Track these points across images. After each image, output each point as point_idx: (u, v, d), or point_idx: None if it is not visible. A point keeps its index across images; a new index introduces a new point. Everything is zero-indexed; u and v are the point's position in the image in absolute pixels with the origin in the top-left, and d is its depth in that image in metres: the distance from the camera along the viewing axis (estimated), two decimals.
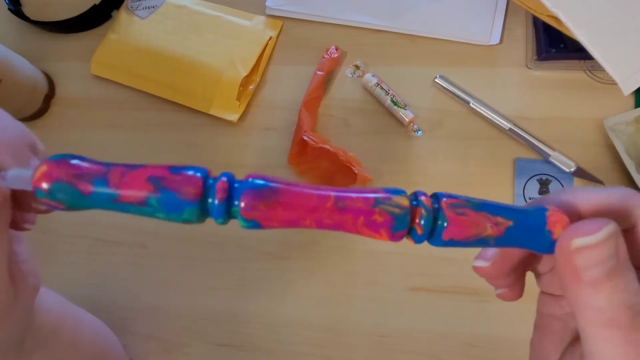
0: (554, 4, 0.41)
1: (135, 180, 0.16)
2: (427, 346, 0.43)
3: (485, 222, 0.17)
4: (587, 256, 0.16)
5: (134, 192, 0.16)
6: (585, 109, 0.46)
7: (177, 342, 0.46)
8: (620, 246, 0.16)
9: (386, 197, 0.17)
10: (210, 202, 0.17)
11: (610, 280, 0.16)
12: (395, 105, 0.48)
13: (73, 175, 0.17)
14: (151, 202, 0.16)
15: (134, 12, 0.56)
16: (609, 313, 0.16)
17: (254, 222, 0.17)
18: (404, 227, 0.17)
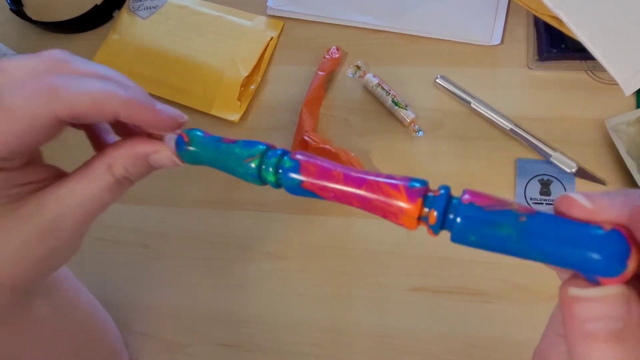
0: (555, 4, 0.41)
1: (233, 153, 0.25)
2: (428, 346, 0.43)
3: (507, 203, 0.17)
4: (586, 308, 0.15)
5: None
6: (586, 109, 0.46)
7: (177, 341, 0.46)
8: (633, 309, 0.15)
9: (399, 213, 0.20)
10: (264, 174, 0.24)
11: (610, 341, 0.15)
12: (396, 105, 0.48)
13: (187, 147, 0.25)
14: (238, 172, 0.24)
15: (135, 12, 0.56)
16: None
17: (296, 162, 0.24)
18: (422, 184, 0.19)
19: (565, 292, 0.15)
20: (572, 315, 0.15)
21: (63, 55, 0.23)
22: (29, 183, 0.24)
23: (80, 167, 0.25)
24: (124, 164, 0.24)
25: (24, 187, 0.23)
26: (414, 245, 0.45)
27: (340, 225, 0.47)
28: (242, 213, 0.49)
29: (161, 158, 0.25)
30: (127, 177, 0.25)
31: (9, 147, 0.21)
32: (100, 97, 0.22)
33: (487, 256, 0.44)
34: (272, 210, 0.48)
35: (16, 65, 0.22)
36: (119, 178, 0.24)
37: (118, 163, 0.24)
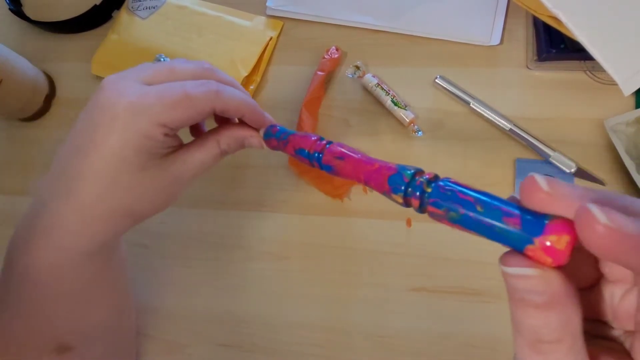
0: (554, 5, 0.41)
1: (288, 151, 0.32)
2: (428, 347, 0.43)
3: (460, 230, 0.19)
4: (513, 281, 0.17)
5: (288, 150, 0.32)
6: (585, 110, 0.46)
7: (177, 342, 0.46)
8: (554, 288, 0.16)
9: (389, 193, 0.24)
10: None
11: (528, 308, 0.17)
12: (395, 105, 0.48)
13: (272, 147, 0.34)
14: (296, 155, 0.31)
15: (134, 12, 0.56)
16: (519, 327, 0.17)
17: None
18: (407, 207, 0.24)
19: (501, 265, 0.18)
20: (508, 285, 0.18)
21: (210, 67, 0.34)
22: (173, 147, 0.33)
23: (197, 139, 0.34)
24: (228, 142, 0.34)
25: (170, 149, 0.32)
26: (414, 246, 0.45)
27: (340, 225, 0.47)
28: (242, 213, 0.49)
29: (253, 141, 0.35)
30: (227, 150, 0.34)
31: (182, 124, 0.31)
32: (240, 104, 0.33)
33: (486, 256, 0.44)
34: (272, 211, 0.48)
35: (182, 68, 0.33)
36: (222, 151, 0.34)
37: (224, 140, 0.34)
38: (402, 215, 0.46)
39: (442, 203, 0.19)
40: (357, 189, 0.47)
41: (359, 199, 0.47)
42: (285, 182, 0.49)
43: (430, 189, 0.20)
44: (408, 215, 0.46)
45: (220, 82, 0.33)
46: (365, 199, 0.47)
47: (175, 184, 0.33)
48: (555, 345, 0.16)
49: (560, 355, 0.17)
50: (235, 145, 0.35)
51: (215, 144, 0.34)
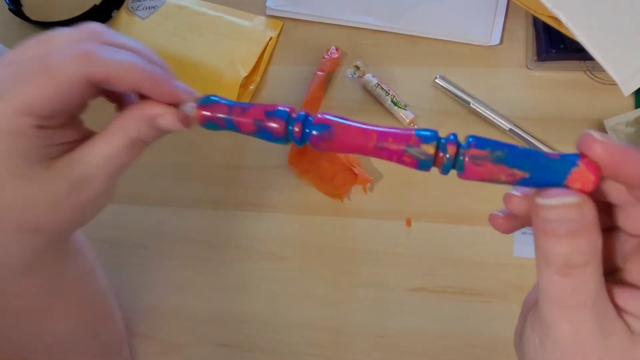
0: (554, 5, 0.41)
1: (246, 120, 0.25)
2: (428, 347, 0.43)
3: (500, 173, 0.20)
4: (548, 213, 0.19)
5: (246, 127, 0.25)
6: (585, 110, 0.46)
7: (177, 342, 0.46)
8: (586, 214, 0.19)
9: (416, 144, 0.21)
10: (290, 137, 0.24)
11: (562, 237, 0.19)
12: (395, 105, 0.48)
13: (212, 116, 0.26)
14: (257, 135, 0.25)
15: (134, 12, 0.56)
16: (550, 257, 0.19)
17: (318, 148, 0.24)
18: (427, 168, 0.22)
19: (535, 202, 0.19)
20: (538, 218, 0.19)
21: (99, 28, 0.26)
22: (65, 143, 0.26)
23: (102, 130, 0.28)
24: (136, 127, 0.27)
25: (61, 147, 0.26)
26: (413, 246, 0.45)
27: (340, 225, 0.47)
28: (241, 213, 0.49)
29: (165, 122, 0.27)
30: (140, 137, 0.27)
31: (50, 106, 0.24)
32: (127, 68, 0.25)
33: (486, 256, 0.44)
34: (272, 211, 0.48)
35: (58, 35, 0.26)
36: (132, 139, 0.27)
37: (130, 126, 0.27)
38: (402, 215, 0.46)
39: (485, 144, 0.20)
40: (357, 189, 0.47)
41: (359, 199, 0.47)
42: (285, 182, 0.49)
43: (463, 140, 0.21)
44: (408, 215, 0.46)
45: (108, 44, 0.25)
46: (365, 199, 0.47)
47: (80, 191, 0.26)
48: (583, 268, 0.18)
49: (587, 276, 0.19)
50: (148, 130, 0.27)
51: (121, 132, 0.27)
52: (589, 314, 0.19)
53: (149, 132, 0.27)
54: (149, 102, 0.27)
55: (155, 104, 0.27)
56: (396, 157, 0.22)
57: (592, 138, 0.19)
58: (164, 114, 0.27)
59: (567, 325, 0.19)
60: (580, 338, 0.19)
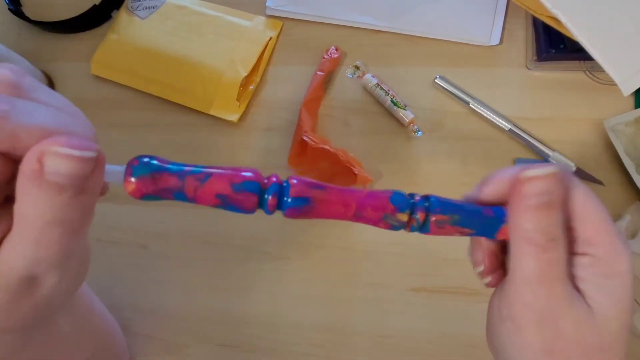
0: (554, 5, 0.41)
1: (206, 196, 0.21)
2: (427, 347, 0.43)
3: (455, 232, 0.23)
4: (533, 186, 0.21)
5: (206, 202, 0.21)
6: (585, 110, 0.46)
7: (177, 342, 0.46)
8: (557, 189, 0.21)
9: (393, 213, 0.23)
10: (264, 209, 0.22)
11: (541, 210, 0.21)
12: (395, 105, 0.48)
13: (157, 190, 0.21)
14: (220, 207, 0.22)
15: (134, 12, 0.56)
16: (530, 233, 0.21)
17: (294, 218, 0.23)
18: (397, 230, 0.24)
19: (519, 177, 0.22)
20: (520, 194, 0.21)
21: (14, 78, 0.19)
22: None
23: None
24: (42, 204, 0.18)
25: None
26: (413, 246, 0.45)
27: (340, 225, 0.47)
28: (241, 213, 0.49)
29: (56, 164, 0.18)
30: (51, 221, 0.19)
31: None
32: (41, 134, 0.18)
33: None
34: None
35: None
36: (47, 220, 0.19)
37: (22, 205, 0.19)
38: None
39: (446, 208, 0.23)
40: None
41: None
42: None
43: (428, 203, 0.23)
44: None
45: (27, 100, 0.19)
46: None
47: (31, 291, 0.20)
48: (559, 241, 0.21)
49: (561, 248, 0.21)
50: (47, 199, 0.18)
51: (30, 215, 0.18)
52: (563, 284, 0.21)
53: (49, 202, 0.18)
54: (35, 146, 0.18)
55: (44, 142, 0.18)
56: (372, 223, 0.23)
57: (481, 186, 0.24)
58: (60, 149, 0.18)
59: (544, 299, 0.21)
60: (556, 310, 0.21)
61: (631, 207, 0.42)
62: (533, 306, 0.21)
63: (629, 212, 0.42)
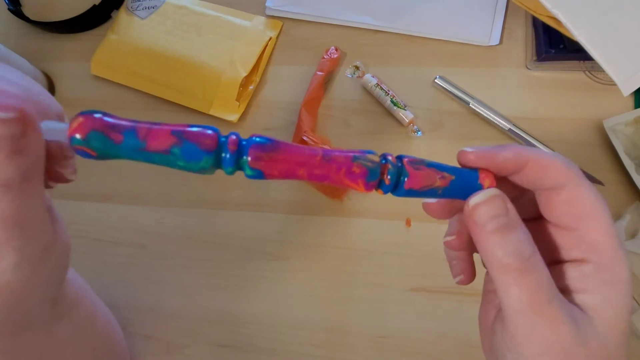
0: (554, 5, 0.41)
1: (161, 133, 0.19)
2: (427, 347, 0.43)
3: (435, 175, 0.22)
4: (481, 211, 0.21)
5: (160, 142, 0.19)
6: (584, 110, 0.46)
7: (177, 342, 0.46)
8: (509, 208, 0.21)
9: (362, 154, 0.21)
10: (223, 155, 0.20)
11: (502, 233, 0.20)
12: (395, 105, 0.48)
13: (106, 126, 0.19)
14: (174, 151, 0.19)
15: (133, 12, 0.56)
16: (506, 259, 0.20)
17: (258, 172, 0.20)
18: (376, 177, 0.22)
19: (467, 209, 0.21)
20: (474, 225, 0.21)
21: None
22: None
23: None
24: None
25: None
26: (413, 246, 0.45)
27: (339, 225, 0.47)
28: (240, 213, 0.49)
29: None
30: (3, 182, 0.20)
31: None
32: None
33: None
34: (271, 211, 0.48)
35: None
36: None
37: None
38: (401, 215, 0.46)
39: (413, 157, 0.22)
40: None
41: (358, 199, 0.47)
42: (284, 182, 0.49)
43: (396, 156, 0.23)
44: (407, 215, 0.46)
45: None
46: (365, 199, 0.47)
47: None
48: (535, 259, 0.20)
49: (541, 266, 0.20)
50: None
51: None
52: (558, 304, 0.20)
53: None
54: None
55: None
56: (345, 170, 0.21)
57: (464, 152, 0.23)
58: None
59: (542, 327, 0.20)
60: (559, 335, 0.20)
61: (631, 207, 0.42)
62: (534, 337, 0.20)
63: (628, 212, 0.42)
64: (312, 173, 0.21)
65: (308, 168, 0.21)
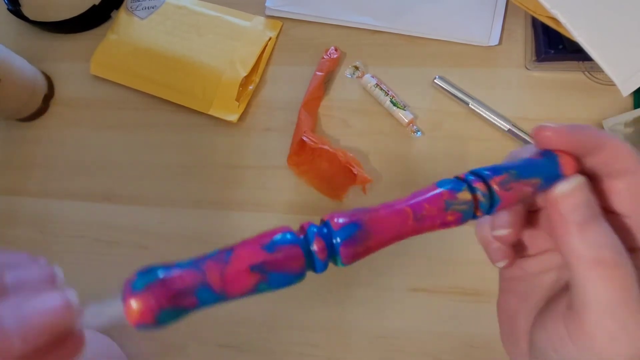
0: (553, 5, 0.41)
1: (239, 275, 0.16)
2: (427, 347, 0.43)
3: (523, 188, 0.20)
4: (568, 202, 0.19)
5: (241, 285, 0.16)
6: (584, 110, 0.46)
7: (176, 342, 0.46)
8: (592, 199, 0.20)
9: (451, 195, 0.19)
10: (315, 265, 0.18)
11: (590, 224, 0.19)
12: (394, 105, 0.48)
13: (174, 296, 0.16)
14: (261, 287, 0.17)
15: (133, 12, 0.56)
16: (595, 252, 0.18)
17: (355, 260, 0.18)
18: (470, 216, 0.20)
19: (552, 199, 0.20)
20: (559, 216, 0.20)
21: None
22: None
23: None
24: None
25: None
26: (412, 246, 0.45)
27: None
28: (241, 213, 0.49)
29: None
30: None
31: None
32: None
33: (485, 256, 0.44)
34: (272, 211, 0.48)
35: None
36: None
37: None
38: None
39: (497, 170, 0.20)
40: (357, 189, 0.47)
41: (358, 199, 0.47)
42: (284, 182, 0.49)
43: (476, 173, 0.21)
44: None
45: None
46: (365, 199, 0.47)
47: None
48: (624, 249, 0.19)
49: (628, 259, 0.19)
50: None
51: None
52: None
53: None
54: None
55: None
56: (439, 222, 0.19)
57: (542, 127, 0.21)
58: None
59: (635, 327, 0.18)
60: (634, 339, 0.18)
61: None
62: (622, 340, 0.18)
63: None
64: (407, 236, 0.19)
65: (402, 235, 0.19)
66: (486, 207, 0.19)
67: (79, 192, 0.52)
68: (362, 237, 0.18)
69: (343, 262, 0.18)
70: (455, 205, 0.19)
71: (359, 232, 0.18)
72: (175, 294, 0.15)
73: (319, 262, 0.17)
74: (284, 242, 0.17)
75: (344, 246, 0.17)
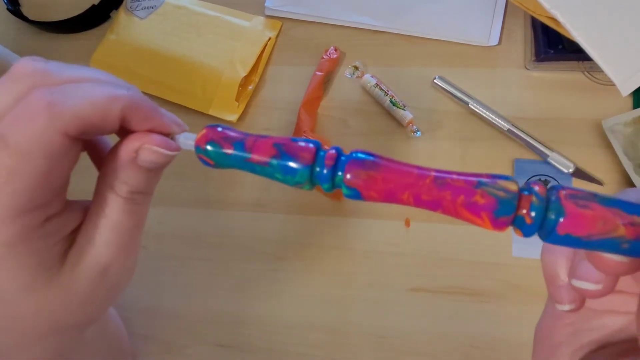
0: (553, 5, 0.42)
1: (264, 145, 0.20)
2: (427, 347, 0.43)
3: (618, 220, 0.14)
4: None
5: (262, 153, 0.20)
6: (583, 110, 0.46)
7: (176, 342, 0.46)
8: None
9: (491, 180, 0.16)
10: (318, 170, 0.19)
11: None
12: (394, 105, 0.48)
13: (221, 137, 0.21)
14: (273, 163, 0.19)
15: (132, 12, 0.56)
16: None
17: (354, 191, 0.18)
18: (509, 212, 0.16)
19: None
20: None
21: (39, 66, 0.20)
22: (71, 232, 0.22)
23: (94, 198, 0.23)
24: (122, 178, 0.22)
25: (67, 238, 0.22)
26: (412, 246, 0.45)
27: (339, 226, 0.47)
28: (240, 213, 0.49)
29: (148, 156, 0.22)
30: (135, 190, 0.22)
31: (38, 190, 0.19)
32: (105, 101, 0.20)
33: (485, 256, 0.44)
34: (271, 211, 0.48)
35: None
36: (126, 196, 0.22)
37: (115, 180, 0.22)
38: (401, 215, 0.46)
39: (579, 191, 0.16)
40: None
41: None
42: None
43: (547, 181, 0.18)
44: (408, 216, 0.46)
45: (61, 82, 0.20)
46: None
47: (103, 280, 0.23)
48: None
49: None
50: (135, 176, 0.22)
51: (110, 192, 0.22)
52: None
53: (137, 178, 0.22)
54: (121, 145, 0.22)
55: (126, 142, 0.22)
56: (464, 198, 0.16)
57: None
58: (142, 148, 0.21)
59: None
60: None
61: None
62: None
63: None
64: (419, 199, 0.17)
65: (414, 192, 0.17)
66: (540, 211, 0.15)
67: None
68: (370, 166, 0.18)
69: (344, 182, 0.18)
70: (490, 188, 0.16)
71: (370, 161, 0.18)
72: (222, 137, 0.21)
73: (323, 167, 0.18)
74: (307, 140, 0.19)
75: (349, 164, 0.18)
